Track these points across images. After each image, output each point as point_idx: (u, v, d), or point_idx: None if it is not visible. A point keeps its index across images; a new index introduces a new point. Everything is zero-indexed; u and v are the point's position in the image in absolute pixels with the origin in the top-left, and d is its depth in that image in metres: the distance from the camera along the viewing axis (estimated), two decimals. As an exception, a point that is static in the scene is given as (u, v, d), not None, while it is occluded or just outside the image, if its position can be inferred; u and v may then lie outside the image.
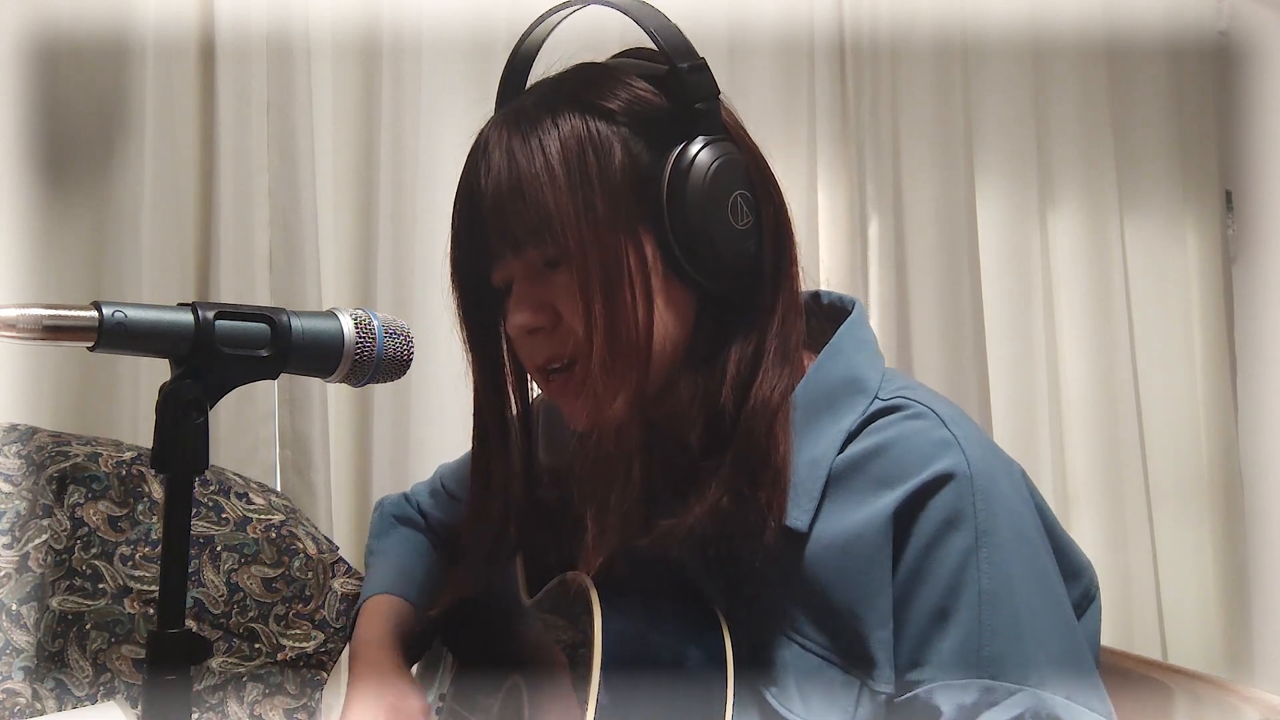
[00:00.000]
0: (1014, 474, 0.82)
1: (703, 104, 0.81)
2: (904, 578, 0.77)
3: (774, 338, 0.83)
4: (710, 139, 0.81)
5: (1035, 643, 0.75)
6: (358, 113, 1.72)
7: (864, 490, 0.80)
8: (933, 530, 0.77)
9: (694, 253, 0.81)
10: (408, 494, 1.25)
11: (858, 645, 0.78)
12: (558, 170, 0.79)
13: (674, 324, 0.83)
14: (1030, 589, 0.77)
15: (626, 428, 0.82)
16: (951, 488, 0.77)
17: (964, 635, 0.75)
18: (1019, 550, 0.77)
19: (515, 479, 0.94)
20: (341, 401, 1.71)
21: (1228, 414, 2.41)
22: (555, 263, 0.82)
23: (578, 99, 0.82)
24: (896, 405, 0.82)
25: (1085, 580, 0.86)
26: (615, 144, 0.80)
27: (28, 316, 0.60)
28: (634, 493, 0.83)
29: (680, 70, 0.81)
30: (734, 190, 0.82)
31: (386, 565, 1.17)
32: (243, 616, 1.26)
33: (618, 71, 0.85)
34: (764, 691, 0.81)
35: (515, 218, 0.81)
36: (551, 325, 0.83)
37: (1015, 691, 0.73)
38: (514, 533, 0.96)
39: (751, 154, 0.85)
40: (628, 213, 0.80)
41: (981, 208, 2.15)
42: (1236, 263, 2.50)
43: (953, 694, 0.74)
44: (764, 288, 0.84)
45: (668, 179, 0.80)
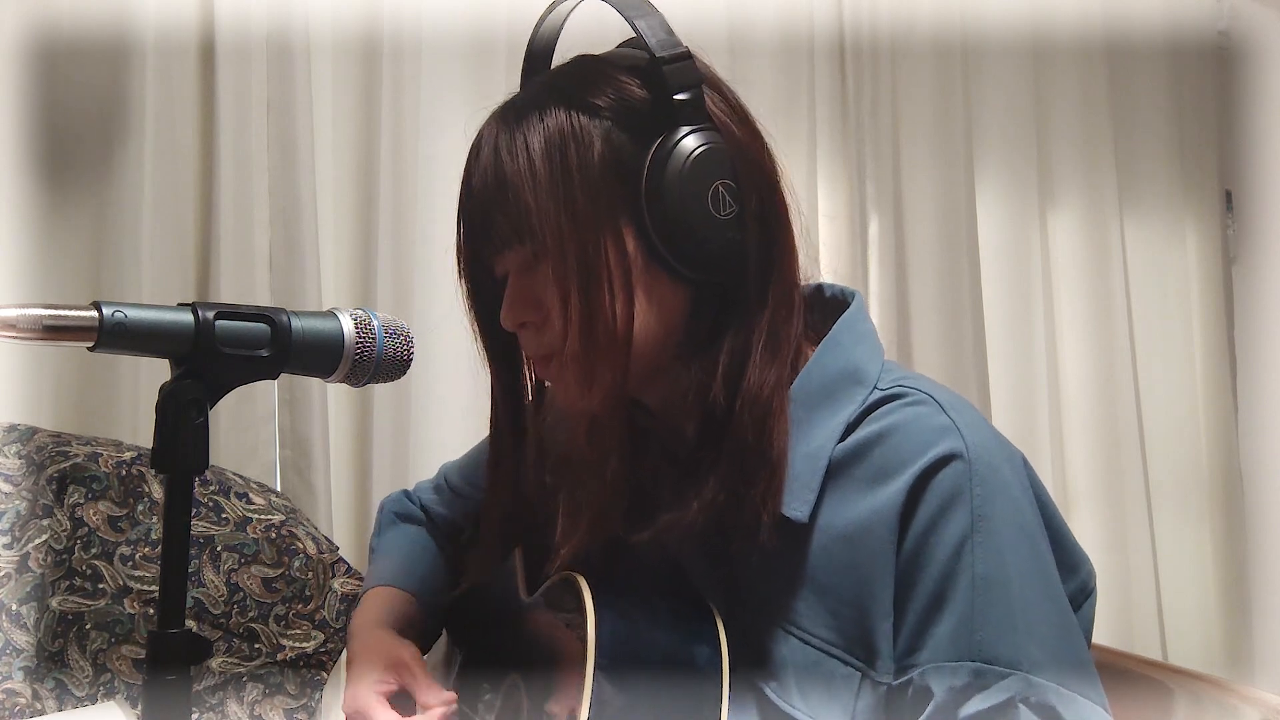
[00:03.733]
0: (1015, 460, 0.82)
1: (684, 94, 0.81)
2: (903, 562, 0.78)
3: (762, 330, 0.82)
4: (692, 129, 0.81)
5: (1028, 629, 0.75)
6: (358, 113, 1.72)
7: (866, 479, 0.80)
8: (931, 514, 0.77)
9: (674, 244, 0.80)
10: (409, 491, 1.25)
11: (862, 636, 0.78)
12: (539, 166, 0.80)
13: (660, 316, 0.83)
14: (1025, 575, 0.77)
15: (605, 425, 0.82)
16: (949, 471, 0.77)
17: (958, 619, 0.75)
18: (1015, 536, 0.77)
19: (527, 465, 0.94)
20: (341, 401, 1.71)
21: (1228, 414, 2.41)
22: (540, 257, 0.82)
23: (565, 94, 0.82)
24: (896, 393, 0.82)
25: (1083, 574, 0.86)
26: (596, 138, 0.80)
27: (28, 316, 0.60)
28: (609, 492, 0.83)
29: (660, 61, 0.81)
30: (715, 179, 0.81)
31: (387, 560, 1.17)
32: (243, 616, 1.26)
33: (607, 65, 0.85)
34: (762, 686, 0.81)
35: (500, 215, 0.82)
36: (541, 320, 0.84)
37: (1006, 675, 0.73)
38: (527, 517, 0.96)
39: (739, 143, 0.84)
40: (608, 207, 0.80)
41: (981, 207, 2.15)
42: (1236, 263, 2.50)
43: (944, 676, 0.74)
44: (751, 279, 0.83)
45: (646, 170, 0.80)
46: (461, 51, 1.76)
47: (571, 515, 0.85)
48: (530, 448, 0.94)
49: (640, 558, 0.85)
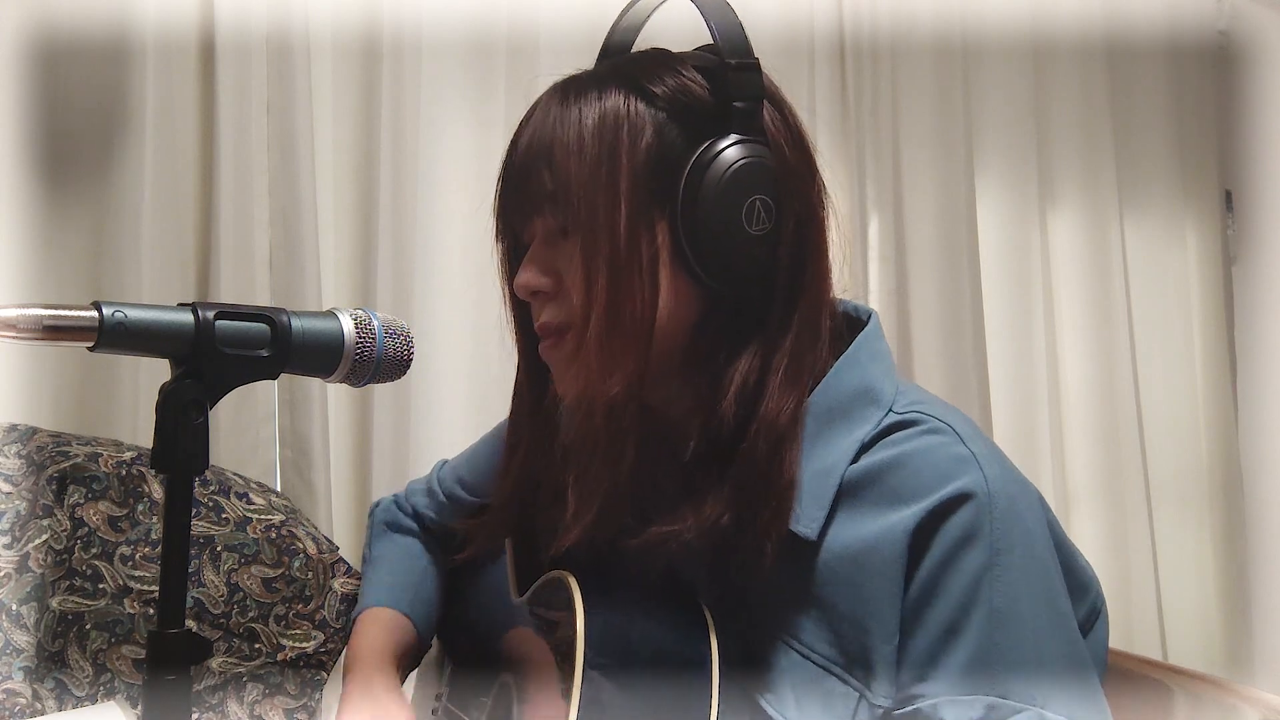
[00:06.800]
0: (1029, 493, 0.82)
1: (742, 103, 0.81)
2: (917, 593, 0.77)
3: (784, 355, 0.82)
4: (742, 139, 0.81)
5: (1041, 663, 0.75)
6: (358, 113, 1.72)
7: (879, 503, 0.79)
8: (949, 547, 0.76)
9: (700, 248, 0.80)
10: (399, 498, 1.24)
11: (861, 657, 0.78)
12: (588, 141, 0.80)
13: (677, 317, 0.82)
14: (1039, 609, 0.77)
15: (621, 409, 0.81)
16: (970, 506, 0.77)
17: (973, 652, 0.75)
18: (1031, 570, 0.77)
19: (544, 439, 0.93)
20: (341, 401, 1.71)
21: (1228, 414, 2.41)
22: (569, 231, 0.82)
23: (628, 77, 0.82)
24: (913, 419, 0.82)
25: (1092, 595, 0.86)
26: (649, 127, 0.80)
27: (28, 316, 0.60)
28: (622, 476, 0.82)
29: (727, 66, 0.81)
30: (753, 193, 0.81)
31: (381, 577, 1.17)
32: (243, 616, 1.26)
33: (675, 59, 0.85)
34: (759, 697, 0.80)
35: (538, 180, 0.82)
36: (554, 290, 0.83)
37: (1020, 710, 0.73)
38: (536, 492, 0.95)
39: (788, 162, 0.84)
40: (647, 196, 0.80)
41: (981, 208, 2.15)
42: (1236, 263, 2.50)
43: (959, 709, 0.74)
44: (777, 300, 0.83)
45: (688, 171, 0.80)
46: (461, 51, 1.76)
47: (580, 501, 0.84)
48: (549, 421, 0.93)
49: (633, 557, 0.84)
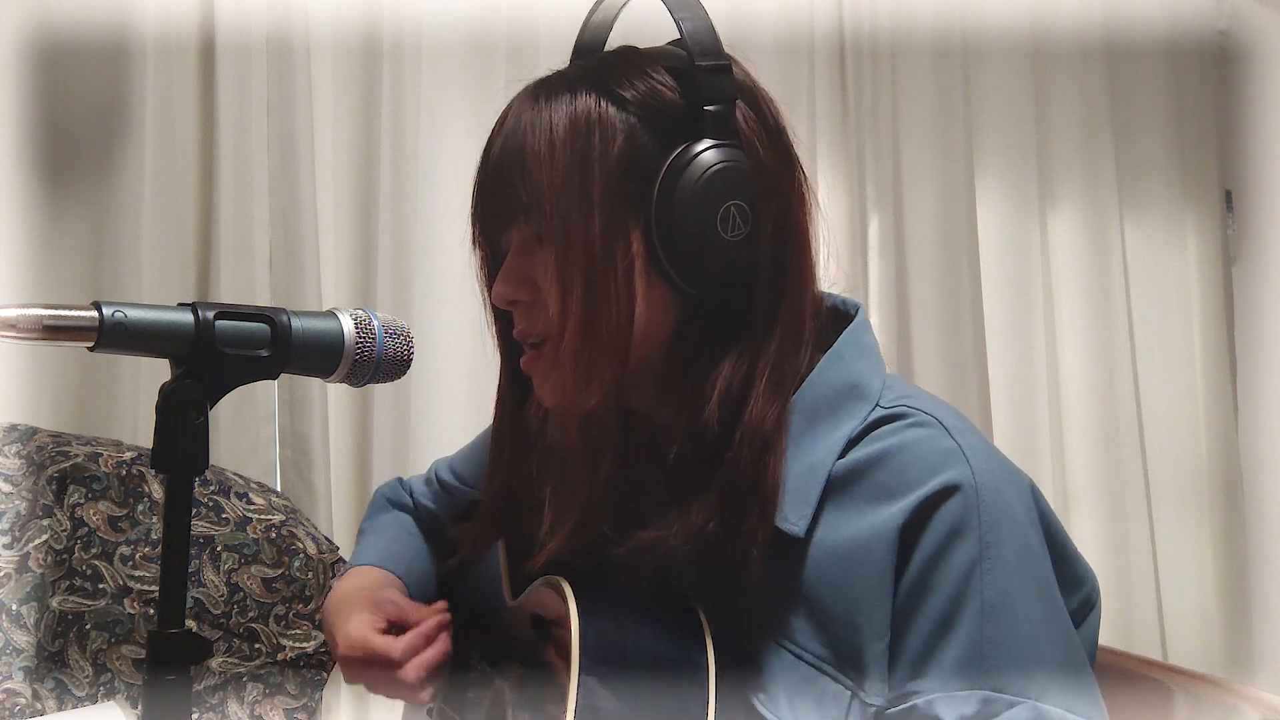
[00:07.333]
0: (1018, 483, 0.81)
1: (714, 106, 0.80)
2: (907, 589, 0.77)
3: (768, 360, 0.81)
4: (715, 144, 0.79)
5: (1035, 655, 0.75)
6: (358, 113, 1.72)
7: (866, 498, 0.79)
8: (938, 542, 0.76)
9: (675, 255, 0.79)
10: (403, 479, 1.24)
11: (853, 656, 0.78)
12: (559, 147, 0.79)
13: (655, 324, 0.82)
14: (1032, 601, 0.77)
15: (600, 419, 0.81)
16: (957, 499, 0.76)
17: (966, 647, 0.75)
18: (1021, 562, 0.77)
19: (528, 444, 0.93)
20: (341, 401, 1.71)
21: (1228, 414, 2.41)
22: (544, 239, 0.81)
23: (599, 80, 0.81)
24: (900, 413, 0.81)
25: (1086, 588, 0.86)
26: (620, 133, 0.79)
27: (28, 316, 0.60)
28: (600, 486, 0.82)
29: (698, 69, 0.80)
30: (727, 199, 0.79)
31: (373, 542, 1.16)
32: (243, 616, 1.26)
33: (646, 60, 0.83)
34: (751, 697, 0.80)
35: (511, 189, 0.81)
36: (531, 300, 0.83)
37: (1015, 704, 0.73)
38: (524, 497, 0.95)
39: (763, 164, 0.82)
40: (621, 203, 0.79)
41: (981, 208, 2.15)
42: (1236, 263, 2.50)
43: (953, 705, 0.74)
44: (758, 304, 0.82)
45: (661, 176, 0.79)
46: (461, 51, 1.76)
47: (558, 510, 0.84)
48: (533, 427, 0.93)
49: (625, 563, 0.84)
